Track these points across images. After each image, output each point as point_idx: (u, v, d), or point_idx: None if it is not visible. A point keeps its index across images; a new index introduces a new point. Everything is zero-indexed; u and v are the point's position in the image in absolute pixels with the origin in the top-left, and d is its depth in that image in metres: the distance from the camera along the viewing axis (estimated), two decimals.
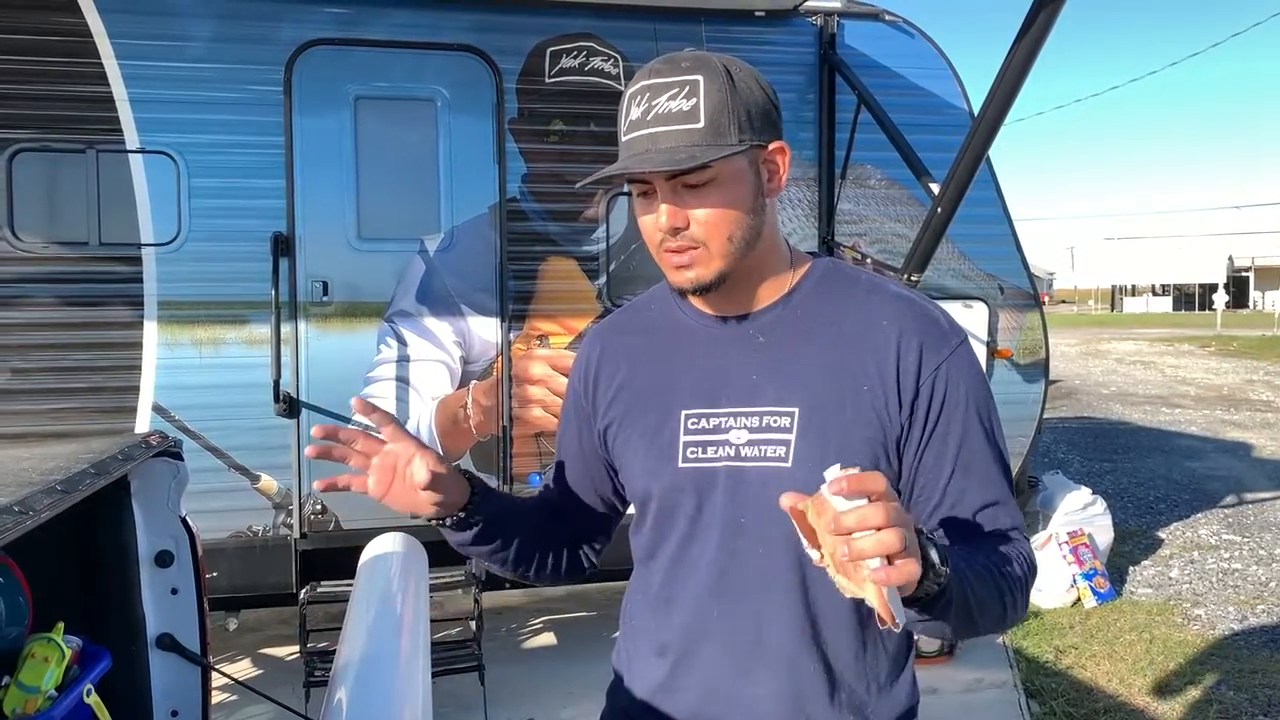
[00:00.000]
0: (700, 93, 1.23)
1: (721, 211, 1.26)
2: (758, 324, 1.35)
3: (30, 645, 1.65)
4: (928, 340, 1.30)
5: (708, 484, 1.33)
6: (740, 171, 1.27)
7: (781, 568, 1.30)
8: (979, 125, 3.98)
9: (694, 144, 1.22)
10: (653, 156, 1.23)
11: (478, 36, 4.46)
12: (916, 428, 1.29)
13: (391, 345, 4.38)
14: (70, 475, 1.40)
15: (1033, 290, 5.23)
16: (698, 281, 1.29)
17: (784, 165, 1.31)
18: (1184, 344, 27.00)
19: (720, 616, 1.33)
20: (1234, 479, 8.84)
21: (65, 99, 4.07)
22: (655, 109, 1.24)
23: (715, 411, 1.33)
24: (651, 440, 1.37)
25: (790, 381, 1.31)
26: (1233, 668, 4.57)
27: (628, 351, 1.45)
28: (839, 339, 1.32)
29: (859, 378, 1.29)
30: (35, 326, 4.08)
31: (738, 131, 1.24)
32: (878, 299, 1.34)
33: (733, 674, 1.32)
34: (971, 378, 1.31)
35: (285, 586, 4.29)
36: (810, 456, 1.27)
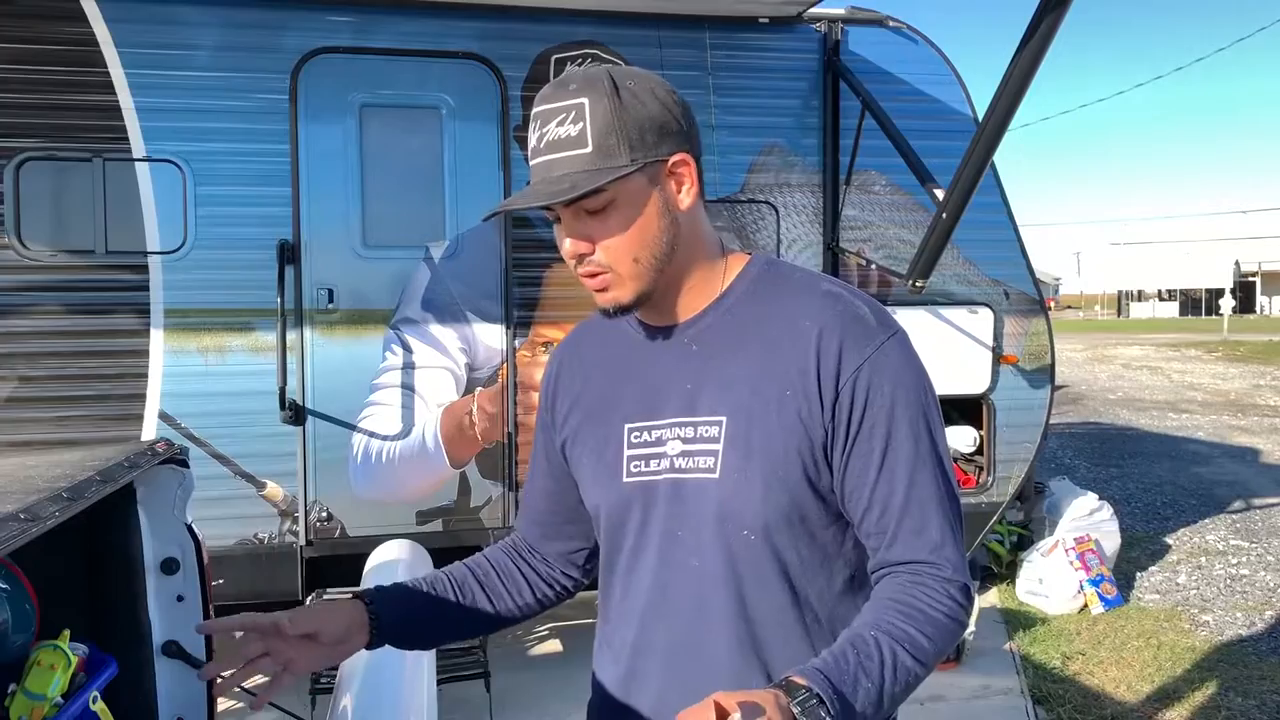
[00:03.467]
0: (586, 116, 1.19)
1: (623, 235, 1.23)
2: (690, 332, 1.32)
3: (36, 652, 1.65)
4: (848, 339, 1.24)
5: (649, 497, 1.31)
6: (638, 190, 1.23)
7: (717, 581, 1.27)
8: (984, 131, 3.98)
9: (582, 169, 1.19)
10: (543, 188, 1.21)
11: (482, 45, 4.47)
12: (840, 432, 1.24)
13: (397, 352, 4.38)
14: (77, 482, 1.40)
15: (1038, 296, 5.23)
16: (616, 303, 1.28)
17: (690, 176, 1.27)
18: (1191, 349, 26.93)
19: (664, 632, 1.31)
20: (1241, 484, 8.81)
21: (72, 108, 4.09)
22: (546, 136, 1.22)
23: (655, 424, 1.31)
24: (600, 455, 1.36)
25: (720, 390, 1.28)
26: (1240, 674, 4.55)
27: (583, 365, 1.44)
28: (766, 343, 1.27)
29: (782, 383, 1.25)
30: (42, 335, 4.09)
31: (628, 151, 1.20)
32: (804, 298, 1.29)
33: (678, 689, 1.27)
34: (898, 375, 1.24)
35: (291, 593, 4.29)
36: (736, 467, 1.24)
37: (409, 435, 4.38)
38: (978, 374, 5.04)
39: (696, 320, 1.32)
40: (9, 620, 1.65)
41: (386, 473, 4.36)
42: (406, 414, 4.38)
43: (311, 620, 1.33)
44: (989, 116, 3.95)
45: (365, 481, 4.35)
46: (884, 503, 1.23)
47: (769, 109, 4.80)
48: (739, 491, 1.24)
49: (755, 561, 1.26)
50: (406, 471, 4.38)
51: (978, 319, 5.01)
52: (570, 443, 1.42)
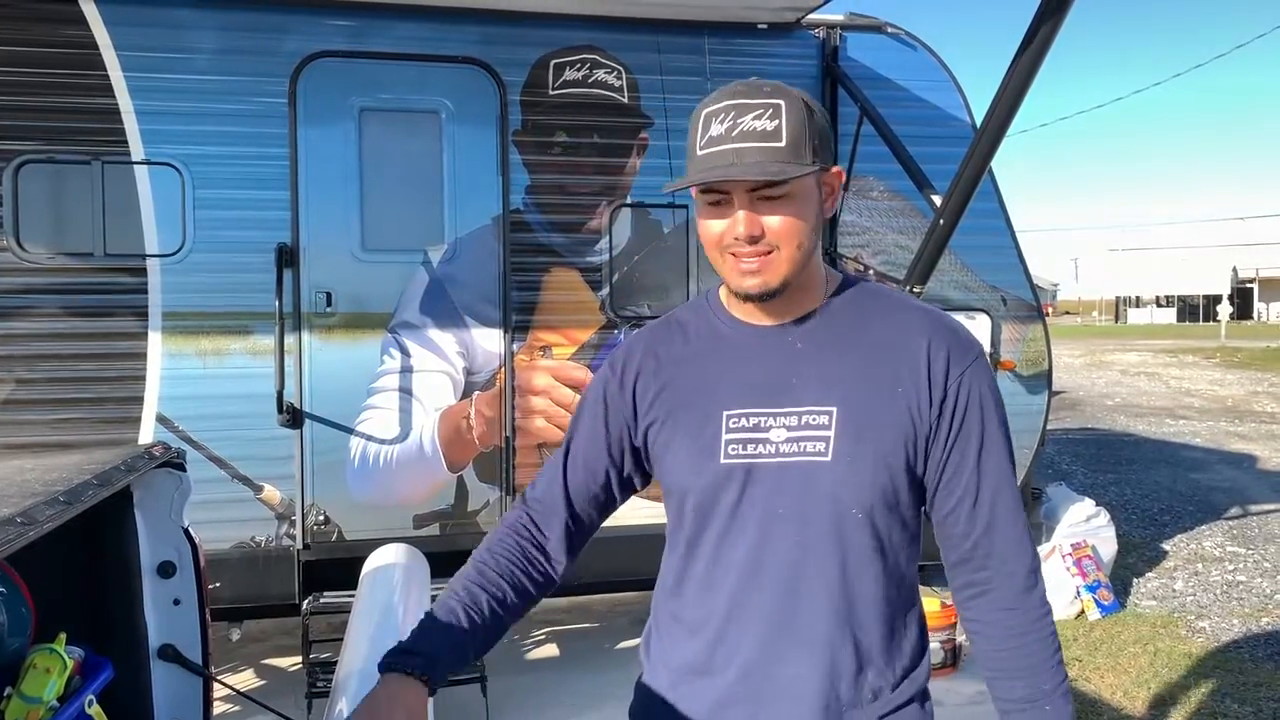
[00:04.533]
0: (783, 115, 1.34)
1: (794, 221, 1.37)
2: (796, 332, 1.46)
3: (32, 656, 1.65)
4: (954, 348, 1.44)
5: (748, 478, 1.42)
6: (810, 189, 1.39)
7: (821, 555, 1.40)
8: (981, 137, 3.99)
9: (777, 160, 1.33)
10: (742, 168, 1.33)
11: (482, 49, 4.48)
12: (944, 426, 1.42)
13: (395, 356, 4.38)
14: (73, 486, 1.41)
15: (1035, 301, 5.23)
16: (764, 287, 1.40)
17: (837, 189, 1.45)
18: (1188, 355, 26.96)
19: (759, 602, 1.42)
20: (1238, 491, 8.81)
21: (71, 111, 4.10)
22: (740, 126, 1.35)
23: (755, 411, 1.43)
24: (695, 438, 1.46)
25: (828, 384, 1.42)
26: (1237, 680, 4.55)
27: (669, 357, 1.54)
28: (872, 346, 1.44)
29: (893, 381, 1.41)
30: (40, 337, 4.09)
31: (812, 154, 1.36)
32: (905, 311, 1.48)
33: (769, 656, 1.42)
34: (988, 385, 1.46)
35: (288, 597, 4.29)
36: (847, 452, 1.39)
37: (407, 439, 4.38)
38: None
39: (802, 321, 1.47)
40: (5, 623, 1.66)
41: (384, 476, 4.36)
42: (404, 418, 4.38)
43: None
44: (987, 122, 3.96)
45: (363, 485, 4.35)
46: (975, 492, 1.43)
47: None
48: (850, 474, 1.39)
49: (858, 539, 1.41)
50: (404, 475, 4.38)
51: (975, 325, 5.01)
52: (658, 427, 1.51)
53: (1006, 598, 1.44)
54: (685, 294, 4.69)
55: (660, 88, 4.65)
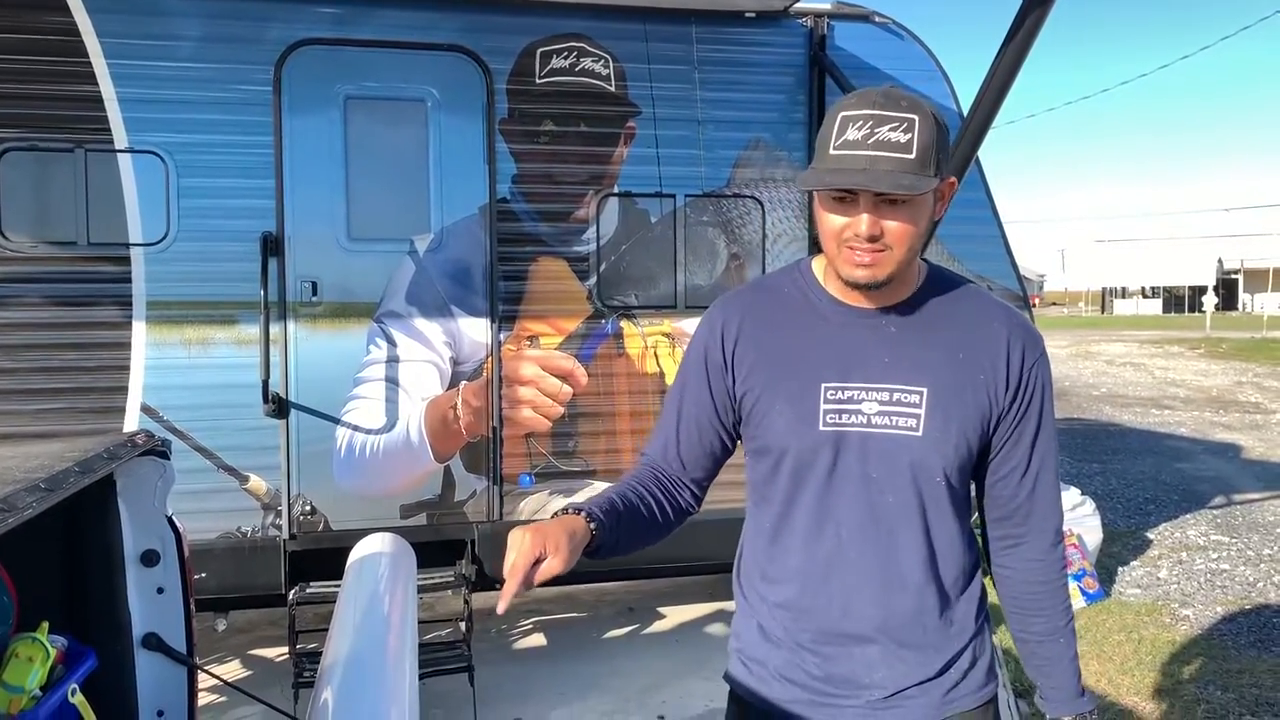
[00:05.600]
0: (915, 130, 1.48)
1: (910, 228, 1.53)
2: (890, 316, 1.63)
3: (14, 645, 1.64)
4: (1028, 342, 1.66)
5: (842, 445, 1.61)
6: (928, 198, 1.54)
7: (909, 513, 1.62)
8: (968, 126, 3.99)
9: (906, 171, 1.47)
10: (878, 176, 1.46)
11: (468, 37, 4.45)
12: (1014, 408, 1.64)
13: (381, 346, 4.37)
14: (54, 473, 1.40)
15: (1022, 292, 5.24)
16: (873, 279, 1.55)
17: (949, 197, 1.60)
18: (1174, 346, 27.09)
19: (858, 551, 1.63)
20: (1223, 480, 8.87)
21: (53, 98, 4.06)
22: (877, 136, 1.48)
23: (850, 385, 1.61)
24: (795, 404, 1.63)
25: (918, 365, 1.61)
26: (1220, 667, 4.59)
27: (766, 323, 1.69)
28: (960, 333, 1.64)
29: (978, 366, 1.62)
30: (23, 326, 4.06)
31: (935, 167, 1.50)
32: (987, 305, 1.69)
33: (866, 596, 1.63)
34: (1049, 375, 1.69)
35: (274, 587, 4.28)
36: (936, 428, 1.59)
37: (393, 429, 4.37)
38: None
39: (896, 307, 1.64)
40: None
41: (370, 466, 4.35)
42: (390, 408, 4.37)
43: (559, 544, 1.46)
44: (974, 113, 3.97)
45: (349, 475, 4.33)
46: (1026, 463, 1.67)
47: (755, 103, 4.80)
48: (938, 448, 1.60)
49: (940, 499, 1.64)
50: (390, 465, 4.37)
51: None
52: (759, 391, 1.67)
53: (1036, 550, 1.71)
54: (673, 283, 4.69)
55: (647, 76, 4.63)
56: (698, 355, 1.74)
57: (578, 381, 4.57)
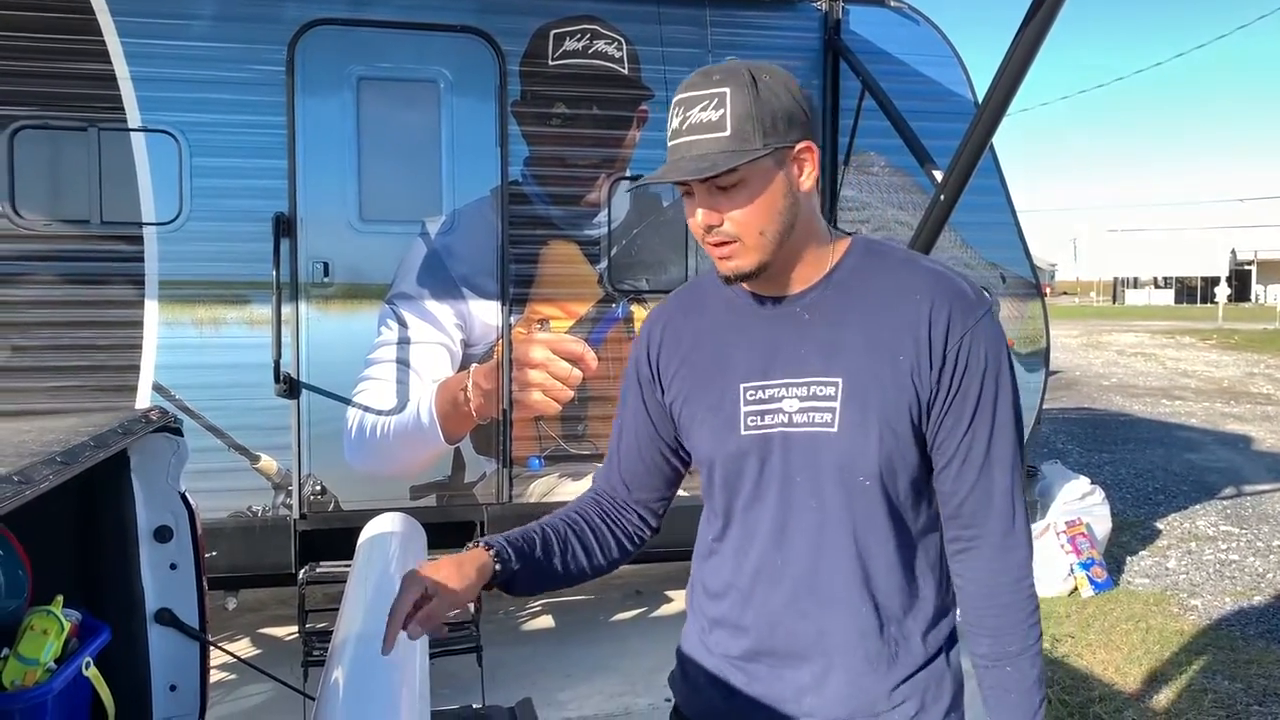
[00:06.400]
0: (727, 103, 1.35)
1: (750, 209, 1.39)
2: (803, 302, 1.48)
3: (29, 618, 1.66)
4: (955, 310, 1.43)
5: (767, 448, 1.47)
6: (766, 171, 1.38)
7: (835, 520, 1.45)
8: (983, 113, 3.97)
9: (720, 151, 1.34)
10: (685, 164, 1.36)
11: (481, 18, 4.44)
12: (943, 391, 1.43)
13: (392, 327, 4.38)
14: (70, 447, 1.40)
15: (1034, 280, 5.23)
16: (738, 270, 1.43)
17: (812, 162, 1.42)
18: (1185, 337, 26.97)
19: (784, 563, 1.48)
20: (1233, 471, 8.84)
21: (67, 76, 4.06)
22: (689, 120, 1.37)
23: (769, 383, 1.47)
24: (716, 411, 1.51)
25: (834, 354, 1.45)
26: (1228, 658, 4.58)
27: (689, 331, 1.58)
28: (877, 312, 1.45)
29: (896, 347, 1.43)
30: (36, 304, 4.08)
31: (762, 136, 1.35)
32: (910, 272, 1.47)
33: (794, 612, 1.48)
34: (991, 345, 1.44)
35: (284, 566, 4.30)
36: (854, 421, 1.43)
37: (404, 410, 4.38)
38: None
39: (808, 292, 1.48)
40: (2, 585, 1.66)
41: (381, 447, 4.36)
42: (401, 389, 4.38)
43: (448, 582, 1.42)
44: (989, 98, 3.94)
45: (359, 455, 4.35)
46: (967, 451, 1.45)
47: None
48: (857, 443, 1.43)
49: (869, 503, 1.45)
50: (401, 446, 4.38)
51: None
52: (682, 401, 1.57)
53: (986, 556, 1.47)
54: (684, 267, 4.68)
55: (660, 59, 4.62)
56: (631, 371, 1.65)
57: (588, 365, 4.57)
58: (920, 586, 1.50)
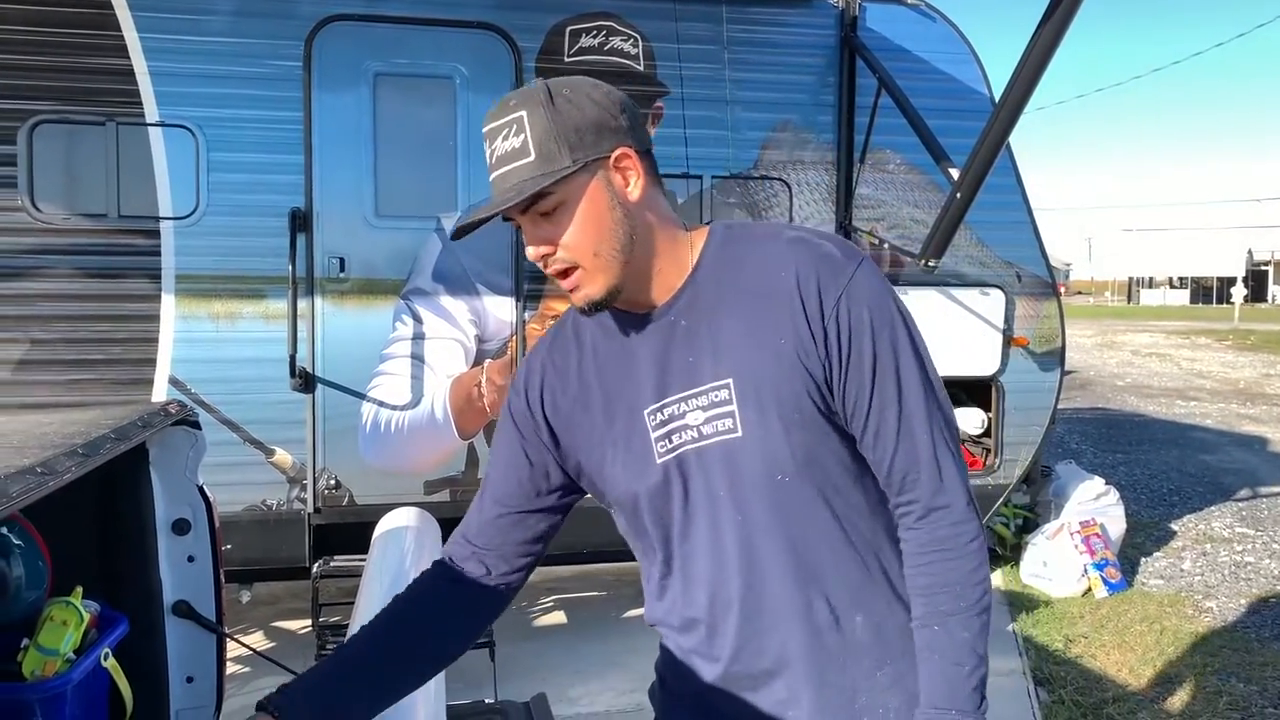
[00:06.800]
0: (526, 127, 1.29)
1: (577, 230, 1.32)
2: (675, 309, 1.40)
3: (49, 609, 1.67)
4: (824, 276, 1.34)
5: (685, 469, 1.39)
6: (583, 187, 1.31)
7: (763, 528, 1.37)
8: (1000, 111, 3.95)
9: (528, 176, 1.29)
10: (495, 197, 1.32)
11: (497, 14, 4.45)
12: (834, 362, 1.34)
13: (407, 323, 4.39)
14: (91, 439, 1.41)
15: (1050, 279, 5.21)
16: (589, 299, 1.36)
17: (635, 168, 1.35)
18: (1201, 337, 26.83)
19: (729, 586, 1.41)
20: (1248, 472, 8.79)
21: (86, 71, 4.08)
22: (495, 152, 1.32)
23: (669, 401, 1.39)
24: (626, 445, 1.43)
25: (719, 354, 1.36)
26: (1243, 660, 4.56)
27: (573, 372, 1.48)
28: (748, 300, 1.37)
29: (775, 331, 1.34)
30: (54, 298, 4.10)
31: (569, 152, 1.29)
32: (772, 250, 1.39)
33: (751, 631, 1.41)
34: (871, 301, 1.34)
35: (299, 560, 4.32)
36: (754, 420, 1.34)
37: (418, 405, 4.39)
38: (987, 356, 5.03)
39: (677, 297, 1.40)
40: (23, 576, 1.67)
41: (395, 442, 4.37)
42: (416, 384, 4.39)
43: None
44: (1006, 97, 3.92)
45: (374, 450, 4.36)
46: (879, 417, 1.35)
47: (784, 85, 4.77)
48: (764, 442, 1.34)
49: (797, 499, 1.36)
50: (415, 441, 4.40)
51: (989, 301, 5.00)
52: (584, 447, 1.47)
53: (918, 515, 1.37)
54: None
55: (676, 56, 4.61)
56: (506, 425, 1.54)
57: None
58: (879, 562, 1.42)
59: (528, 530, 1.54)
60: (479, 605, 1.57)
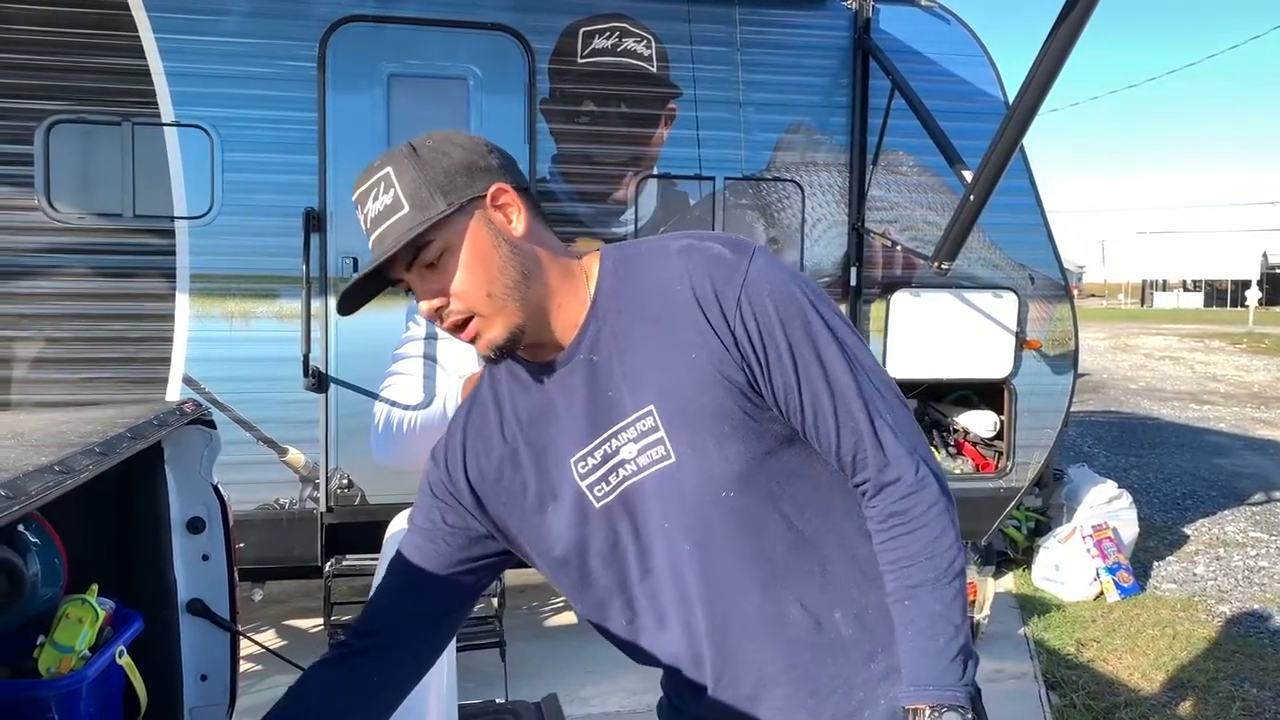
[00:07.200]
0: (394, 181, 1.28)
1: (466, 274, 1.28)
2: (584, 346, 1.35)
3: (65, 606, 1.68)
4: (718, 279, 1.29)
5: (630, 505, 1.35)
6: (463, 229, 1.28)
7: (715, 548, 1.33)
8: (1014, 113, 3.94)
9: (406, 229, 1.26)
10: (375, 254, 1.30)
11: (511, 15, 4.46)
12: (751, 364, 1.29)
13: (420, 322, 4.40)
14: (108, 438, 1.42)
15: (1063, 281, 5.19)
16: (493, 344, 1.31)
17: (515, 203, 1.32)
18: (1215, 340, 26.68)
19: (696, 613, 1.37)
20: (1263, 477, 8.74)
21: (102, 71, 4.11)
22: (369, 214, 1.31)
23: (597, 443, 1.35)
24: (556, 502, 1.39)
25: (635, 383, 1.32)
26: (1257, 665, 4.54)
27: (494, 436, 1.44)
28: (652, 321, 1.32)
29: (684, 349, 1.29)
30: (69, 297, 4.13)
31: (442, 197, 1.27)
32: (664, 265, 1.34)
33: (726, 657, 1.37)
34: (772, 287, 1.29)
35: (310, 559, 4.34)
36: (684, 441, 1.30)
37: (430, 405, 4.40)
38: (1000, 358, 5.02)
39: (582, 334, 1.35)
40: (39, 573, 1.68)
41: (407, 441, 4.39)
42: (428, 384, 4.40)
43: None
44: (1020, 99, 3.91)
45: (386, 449, 4.37)
46: (813, 407, 1.30)
47: (797, 86, 4.77)
48: (699, 463, 1.30)
49: (743, 512, 1.32)
50: (427, 441, 4.38)
51: (1002, 303, 4.98)
52: (517, 506, 1.42)
53: (870, 495, 1.33)
54: None
55: (689, 57, 4.61)
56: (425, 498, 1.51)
57: None
58: (842, 549, 1.37)
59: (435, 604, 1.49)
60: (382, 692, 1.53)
